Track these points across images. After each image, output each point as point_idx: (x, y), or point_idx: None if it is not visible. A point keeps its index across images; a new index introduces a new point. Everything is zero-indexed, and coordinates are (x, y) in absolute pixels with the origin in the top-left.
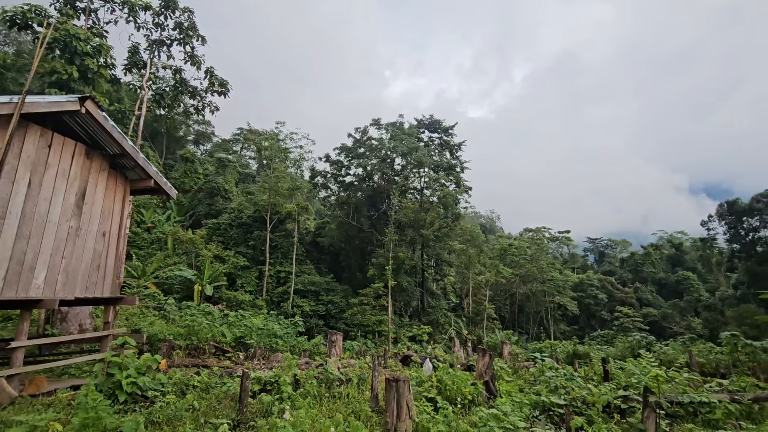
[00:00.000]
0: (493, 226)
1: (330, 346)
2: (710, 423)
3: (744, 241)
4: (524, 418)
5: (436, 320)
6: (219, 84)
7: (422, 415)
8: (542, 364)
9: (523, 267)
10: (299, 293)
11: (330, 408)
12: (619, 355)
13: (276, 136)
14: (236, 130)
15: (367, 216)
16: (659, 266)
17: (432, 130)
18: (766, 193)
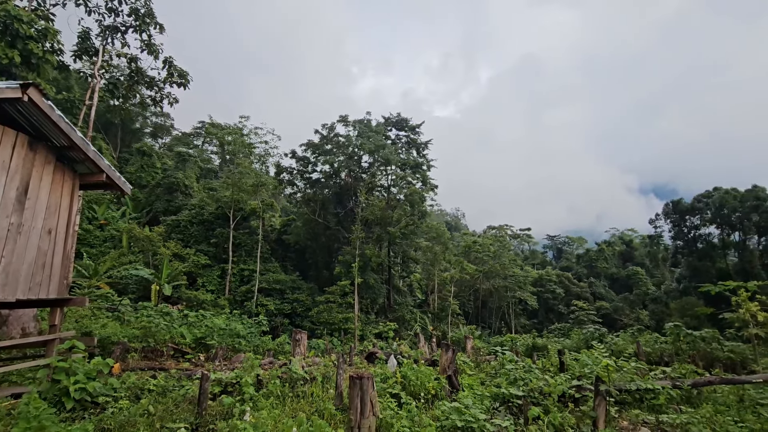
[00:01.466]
0: (458, 224)
1: (294, 345)
2: (654, 408)
3: (686, 238)
4: (485, 410)
5: (403, 317)
6: (178, 75)
7: (386, 411)
8: (503, 357)
9: (487, 264)
10: (264, 292)
11: (293, 408)
12: (574, 346)
13: (240, 130)
14: (197, 123)
15: (334, 213)
16: (611, 262)
17: (399, 128)
18: (706, 194)
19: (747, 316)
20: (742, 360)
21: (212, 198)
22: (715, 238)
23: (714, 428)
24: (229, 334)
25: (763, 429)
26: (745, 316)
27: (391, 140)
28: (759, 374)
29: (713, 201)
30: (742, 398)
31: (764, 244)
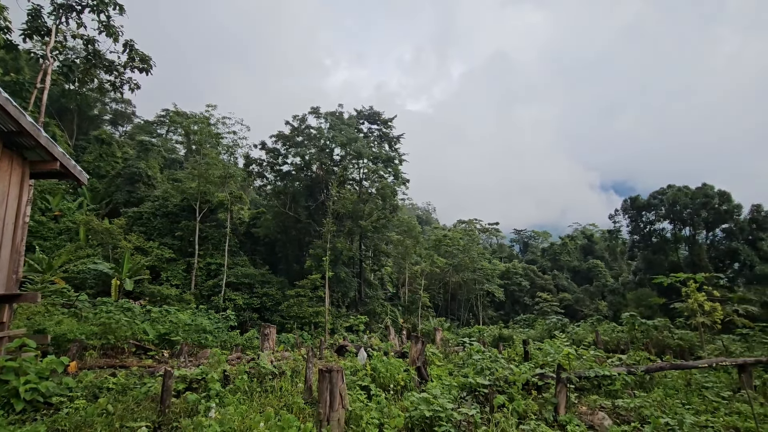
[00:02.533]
0: (429, 218)
1: (263, 340)
2: (611, 393)
3: (642, 233)
4: (452, 399)
5: (373, 310)
6: (140, 59)
7: (356, 404)
8: (470, 348)
9: (456, 257)
10: (232, 286)
11: (262, 403)
12: (538, 336)
13: (206, 119)
14: (161, 111)
15: (305, 206)
16: (574, 255)
17: (371, 122)
18: (661, 191)
19: (695, 305)
20: (690, 347)
21: (177, 189)
22: (668, 232)
23: (664, 410)
24: (195, 329)
25: (707, 410)
26: (694, 306)
27: (364, 133)
28: (704, 360)
29: (667, 198)
30: (690, 382)
31: (711, 239)
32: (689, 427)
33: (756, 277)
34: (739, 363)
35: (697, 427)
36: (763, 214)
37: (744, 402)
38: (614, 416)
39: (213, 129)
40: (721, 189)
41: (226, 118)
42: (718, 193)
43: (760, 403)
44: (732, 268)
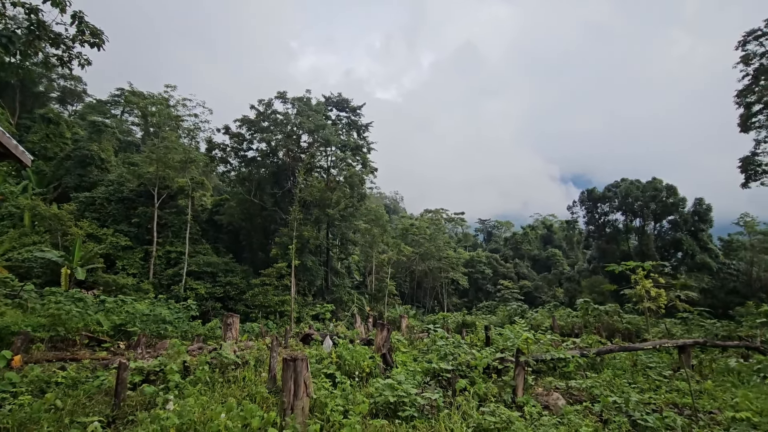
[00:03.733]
0: (396, 207)
1: (225, 329)
2: (565, 374)
3: (597, 224)
4: (417, 384)
5: (340, 298)
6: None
7: (320, 391)
8: (434, 334)
9: (423, 246)
10: (193, 275)
11: (224, 393)
12: (500, 322)
13: (165, 101)
14: (115, 90)
15: (271, 194)
16: (534, 244)
17: (340, 109)
18: (615, 184)
19: (643, 292)
20: (636, 330)
21: (133, 174)
22: (620, 223)
23: (612, 390)
24: (154, 320)
25: (650, 388)
26: (641, 292)
27: (332, 120)
28: (649, 342)
29: (620, 191)
30: (636, 363)
31: (658, 230)
32: (634, 404)
33: (696, 265)
34: (679, 344)
35: (641, 404)
36: (704, 207)
37: (683, 380)
38: (568, 396)
39: (172, 111)
40: (669, 183)
41: (186, 99)
42: (666, 187)
43: (696, 381)
44: (676, 257)
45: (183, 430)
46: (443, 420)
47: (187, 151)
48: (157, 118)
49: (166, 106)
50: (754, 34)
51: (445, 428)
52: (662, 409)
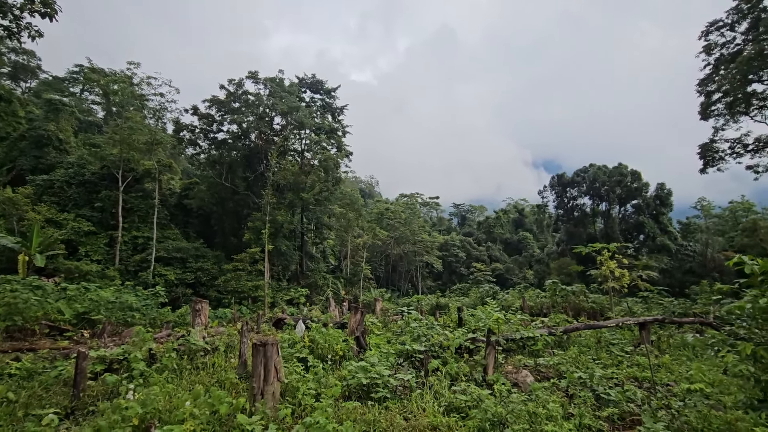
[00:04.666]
0: (372, 191)
1: (194, 315)
2: (534, 353)
3: (566, 208)
4: (390, 366)
5: (315, 282)
6: (42, 2)
7: (292, 376)
8: (408, 316)
9: (398, 230)
10: (162, 261)
11: (192, 380)
12: (472, 303)
13: (129, 79)
14: (74, 66)
15: (243, 177)
16: (506, 228)
17: (314, 91)
18: (584, 169)
19: (607, 272)
20: (601, 308)
21: (96, 156)
22: (588, 207)
23: (578, 366)
24: (120, 307)
25: (613, 363)
26: (606, 273)
27: (306, 103)
28: (612, 320)
29: (588, 176)
30: (600, 340)
31: (623, 213)
32: (598, 379)
33: (657, 246)
34: (640, 322)
35: (604, 379)
36: (665, 191)
37: (643, 355)
38: (536, 373)
39: (136, 90)
40: (634, 169)
41: (151, 78)
42: (631, 172)
43: (655, 356)
44: (638, 239)
45: (147, 420)
46: (416, 400)
47: (153, 133)
48: (120, 97)
49: (129, 85)
50: (716, 24)
51: (418, 408)
52: (624, 383)
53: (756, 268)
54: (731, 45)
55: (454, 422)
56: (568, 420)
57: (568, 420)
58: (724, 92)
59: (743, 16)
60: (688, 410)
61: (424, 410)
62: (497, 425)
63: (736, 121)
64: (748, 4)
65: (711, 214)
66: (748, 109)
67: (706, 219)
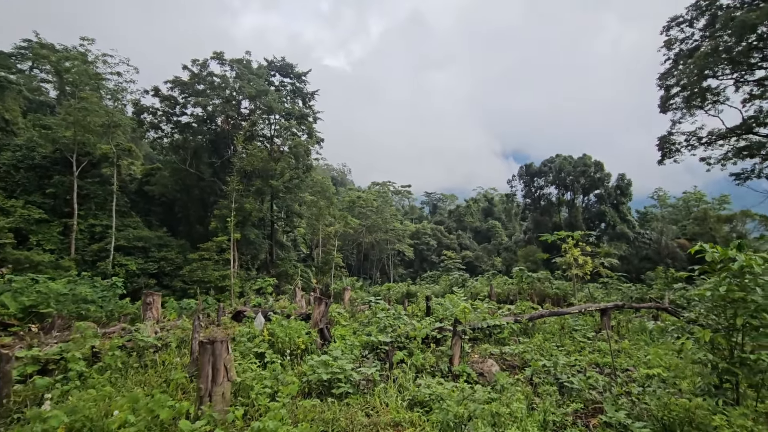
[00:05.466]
0: (344, 179)
1: (145, 309)
2: (500, 340)
3: (533, 197)
4: (354, 359)
5: (286, 271)
6: None
7: (247, 373)
8: (376, 306)
9: (370, 218)
10: (123, 250)
11: (138, 380)
12: (442, 291)
13: (83, 56)
14: (21, 42)
15: (209, 163)
16: (476, 216)
17: (284, 74)
18: (550, 159)
19: (571, 260)
20: (564, 294)
21: (47, 138)
22: (553, 197)
23: (542, 354)
24: (73, 299)
25: (576, 350)
26: (570, 260)
27: (275, 87)
28: (576, 306)
29: (555, 166)
30: (563, 326)
31: (586, 202)
32: (561, 367)
33: (617, 234)
34: (602, 308)
35: (567, 366)
36: (625, 182)
37: (603, 340)
38: (501, 362)
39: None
40: (597, 159)
41: (107, 56)
42: (594, 162)
43: (615, 341)
44: (600, 228)
45: (76, 428)
46: (379, 394)
47: (110, 114)
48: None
49: (84, 62)
50: (676, 20)
51: (381, 403)
52: (586, 370)
53: (716, 256)
54: (690, 41)
55: (418, 417)
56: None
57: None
58: (682, 86)
59: (701, 12)
60: (648, 397)
61: (387, 405)
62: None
63: (692, 115)
64: (706, 1)
65: (666, 204)
66: (704, 104)
67: (662, 208)
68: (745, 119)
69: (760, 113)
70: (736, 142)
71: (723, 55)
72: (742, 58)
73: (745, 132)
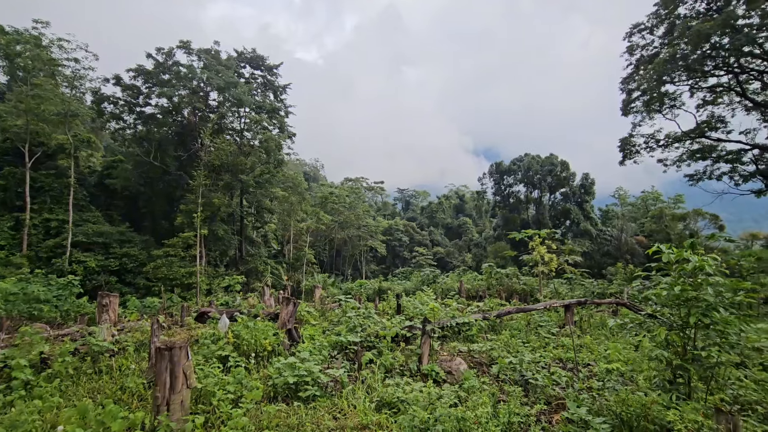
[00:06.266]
0: (317, 174)
1: (101, 311)
2: (468, 338)
3: (503, 194)
4: (323, 360)
5: (256, 268)
6: None
7: (209, 379)
8: (346, 304)
9: (343, 214)
10: (81, 246)
11: (91, 388)
12: (414, 287)
13: (36, 39)
14: None
15: (175, 156)
16: (448, 213)
17: (255, 67)
18: (519, 158)
19: (538, 257)
20: (531, 290)
21: None
22: (522, 194)
23: (509, 350)
24: (24, 299)
25: (541, 346)
26: (537, 257)
27: (245, 79)
28: (541, 303)
29: (523, 164)
30: (529, 322)
31: (552, 200)
32: (527, 364)
33: (580, 232)
34: (565, 304)
35: (532, 363)
36: (589, 181)
37: (567, 336)
38: (470, 359)
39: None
40: (563, 159)
41: (63, 40)
42: (561, 162)
43: (577, 336)
44: (565, 225)
45: None
46: (347, 396)
47: (66, 103)
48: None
49: (37, 46)
50: (638, 27)
51: (348, 405)
52: (550, 366)
53: (672, 257)
54: (650, 47)
55: (385, 419)
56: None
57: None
58: (643, 91)
59: (661, 20)
60: (608, 392)
61: (355, 407)
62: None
63: (651, 118)
64: (666, 10)
65: (626, 203)
66: (662, 108)
67: (622, 207)
68: (698, 124)
69: (712, 118)
70: (690, 145)
71: (680, 63)
72: (697, 65)
73: (698, 136)
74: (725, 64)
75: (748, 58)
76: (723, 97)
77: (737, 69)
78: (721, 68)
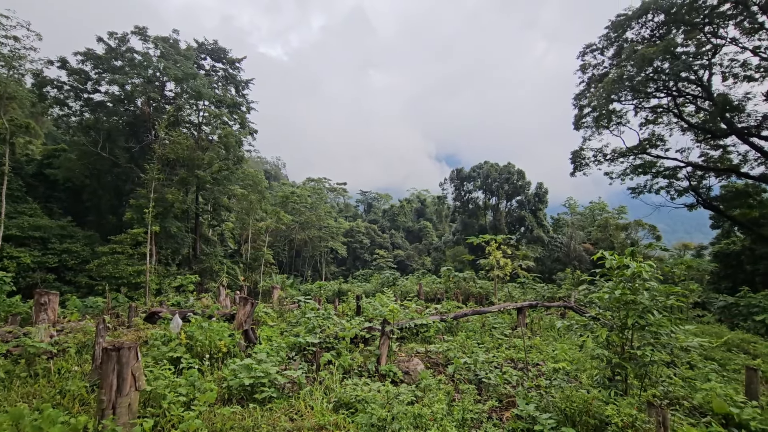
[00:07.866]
0: (278, 173)
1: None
2: (426, 339)
3: (463, 200)
4: (280, 361)
5: (211, 267)
6: None
7: (159, 381)
8: (305, 306)
9: (303, 214)
10: (15, 240)
11: (25, 392)
12: (374, 289)
13: None
14: None
15: (125, 147)
16: (409, 217)
17: (216, 59)
18: (479, 165)
19: (494, 261)
20: (486, 293)
21: None
22: (481, 201)
23: (464, 351)
24: None
25: (494, 346)
26: (493, 262)
27: (205, 71)
28: (496, 305)
29: (483, 172)
30: (484, 324)
31: (509, 207)
32: (481, 363)
33: (534, 238)
34: (518, 307)
35: (486, 363)
36: (543, 190)
37: (519, 337)
38: (427, 360)
39: None
40: (519, 168)
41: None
42: (517, 171)
43: (528, 337)
44: (519, 231)
45: None
46: (304, 397)
47: (3, 84)
48: None
49: None
50: (590, 47)
51: (306, 406)
52: (502, 366)
53: (614, 263)
54: (601, 67)
55: (343, 419)
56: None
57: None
58: (593, 107)
59: (611, 43)
60: (554, 390)
61: (313, 408)
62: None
63: (600, 134)
64: (615, 33)
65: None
66: (609, 124)
67: (572, 215)
68: (641, 141)
69: (653, 136)
70: (633, 160)
71: (626, 83)
72: (641, 87)
73: (640, 152)
74: (665, 87)
75: (685, 83)
76: (663, 118)
77: (675, 92)
78: (661, 90)
